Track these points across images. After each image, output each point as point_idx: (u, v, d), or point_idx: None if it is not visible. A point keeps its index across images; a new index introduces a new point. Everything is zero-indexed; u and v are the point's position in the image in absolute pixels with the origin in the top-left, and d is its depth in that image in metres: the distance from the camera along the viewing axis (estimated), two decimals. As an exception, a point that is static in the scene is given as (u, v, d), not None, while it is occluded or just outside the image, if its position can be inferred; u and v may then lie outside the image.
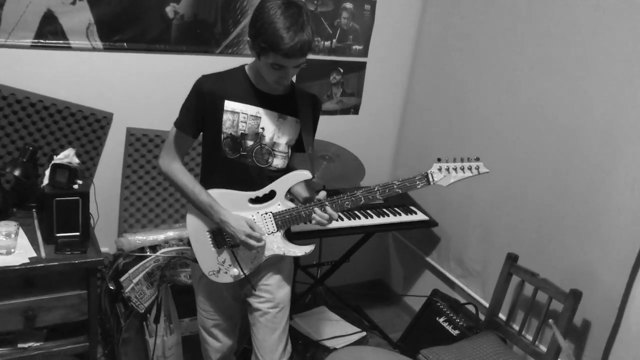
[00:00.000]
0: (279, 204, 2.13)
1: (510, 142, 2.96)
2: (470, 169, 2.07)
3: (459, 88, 3.30)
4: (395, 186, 2.06)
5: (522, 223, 2.91)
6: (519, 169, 2.92)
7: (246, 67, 2.12)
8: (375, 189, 2.07)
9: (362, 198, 2.07)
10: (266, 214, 2.13)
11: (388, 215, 3.23)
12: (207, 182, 2.16)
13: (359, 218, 3.13)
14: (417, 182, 2.06)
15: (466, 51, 3.25)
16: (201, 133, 2.16)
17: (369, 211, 3.21)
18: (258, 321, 2.25)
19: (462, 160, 2.07)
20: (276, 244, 2.16)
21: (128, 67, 2.84)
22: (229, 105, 2.06)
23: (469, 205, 3.26)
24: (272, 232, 2.14)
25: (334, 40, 3.31)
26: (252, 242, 2.06)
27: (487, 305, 3.12)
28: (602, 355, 2.52)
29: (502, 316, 2.89)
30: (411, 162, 3.70)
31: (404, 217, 3.26)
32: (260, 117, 2.09)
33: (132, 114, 2.91)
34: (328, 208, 2.06)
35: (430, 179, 2.06)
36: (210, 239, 2.19)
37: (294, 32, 1.85)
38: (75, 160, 2.51)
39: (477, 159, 2.08)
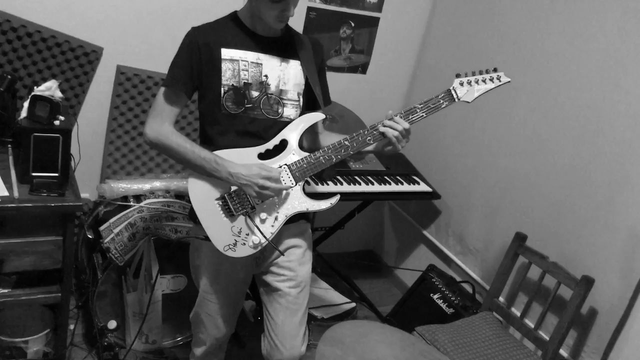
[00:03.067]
0: (293, 154, 1.90)
1: (527, 116, 2.78)
2: (492, 79, 1.89)
3: (476, 55, 3.10)
4: (418, 109, 1.88)
5: (532, 203, 2.75)
6: (533, 144, 2.75)
7: (238, 13, 1.92)
8: (397, 117, 1.87)
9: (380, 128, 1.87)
10: (280, 167, 1.90)
11: (390, 184, 3.05)
12: (209, 147, 1.90)
13: (359, 184, 2.95)
14: (441, 101, 1.88)
15: (487, 15, 3.03)
16: (195, 93, 1.92)
17: (369, 177, 3.03)
18: (277, 302, 2.01)
19: (481, 72, 1.90)
20: (297, 200, 1.91)
21: (124, -1, 2.59)
22: (226, 53, 1.84)
23: (475, 179, 3.09)
24: (291, 187, 1.91)
25: (348, -9, 3.07)
26: (272, 184, 1.81)
27: (484, 284, 2.99)
28: (606, 347, 2.40)
29: (502, 298, 2.76)
30: (417, 130, 3.50)
31: (406, 187, 3.08)
32: (261, 64, 1.88)
33: (124, 50, 2.67)
34: (396, 117, 1.87)
35: (454, 95, 1.89)
36: (220, 209, 1.90)
37: None
38: (58, 94, 2.27)
39: (496, 70, 1.90)
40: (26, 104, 2.18)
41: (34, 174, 2.16)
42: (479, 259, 3.07)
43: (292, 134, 1.91)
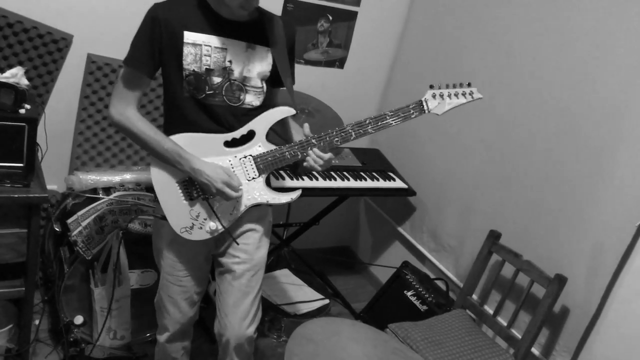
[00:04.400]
0: (260, 146, 1.89)
1: (503, 114, 2.77)
2: (464, 94, 1.90)
3: (453, 52, 3.08)
4: (388, 117, 1.86)
5: (507, 201, 2.75)
6: (510, 142, 2.74)
7: None
8: (367, 122, 1.86)
9: (353, 133, 1.85)
10: (245, 157, 1.89)
11: (365, 179, 3.02)
12: (172, 130, 1.89)
13: (335, 179, 2.92)
14: (412, 111, 1.87)
15: (464, 12, 3.02)
16: (159, 74, 1.89)
17: (345, 173, 3.01)
18: (230, 284, 2.01)
19: (454, 86, 1.91)
20: (258, 191, 1.92)
21: (95, -15, 2.52)
22: (189, 36, 1.79)
23: (451, 177, 3.08)
24: (253, 178, 1.91)
25: (326, -17, 3.03)
26: (229, 191, 1.83)
27: (458, 282, 2.99)
28: (577, 345, 2.40)
29: (475, 296, 2.75)
30: (393, 127, 3.50)
31: (381, 183, 3.06)
32: (226, 49, 1.83)
33: (95, 38, 2.60)
34: (315, 149, 1.85)
35: (425, 107, 1.88)
36: (181, 192, 1.92)
37: None
38: (25, 82, 2.19)
39: (469, 85, 1.92)
40: (-10, 91, 2.11)
41: (-3, 164, 2.09)
42: (453, 256, 3.07)
43: (260, 125, 1.89)
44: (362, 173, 3.08)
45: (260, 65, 1.89)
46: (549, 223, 2.54)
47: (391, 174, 3.18)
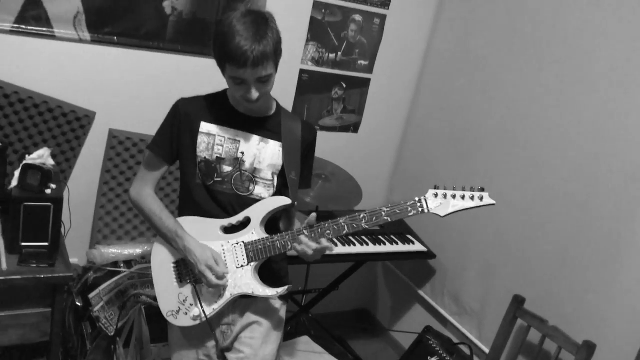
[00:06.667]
0: (253, 233, 1.89)
1: (521, 174, 2.78)
2: (472, 198, 1.79)
3: (465, 114, 3.12)
4: (383, 213, 1.78)
5: (530, 263, 2.72)
6: (530, 203, 2.74)
7: (228, 91, 1.95)
8: (361, 217, 1.80)
9: (346, 227, 1.81)
10: (237, 243, 1.89)
11: (384, 244, 3.01)
12: (183, 212, 1.99)
13: (354, 245, 2.92)
14: (409, 209, 1.77)
15: (476, 76, 3.07)
16: (178, 161, 1.99)
17: (364, 237, 3.00)
18: None
19: (463, 189, 1.80)
20: (244, 280, 1.88)
21: (116, 64, 2.59)
22: (204, 127, 1.91)
23: (471, 238, 3.06)
24: (242, 266, 1.88)
25: (339, 53, 3.11)
26: (211, 276, 1.83)
27: (482, 346, 2.93)
28: (610, 414, 2.34)
29: (502, 362, 2.70)
30: (407, 188, 3.51)
31: (401, 247, 3.05)
32: (239, 141, 1.90)
33: (116, 114, 2.66)
34: (304, 238, 1.81)
35: (425, 206, 1.77)
36: (174, 273, 1.96)
37: (244, 40, 1.67)
38: (50, 162, 2.24)
39: (482, 189, 1.81)
40: (17, 172, 2.15)
41: (23, 244, 2.11)
42: (476, 320, 3.02)
43: (256, 213, 1.90)
44: (380, 237, 3.07)
45: (271, 159, 1.92)
46: (575, 285, 2.51)
47: (410, 237, 3.17)
